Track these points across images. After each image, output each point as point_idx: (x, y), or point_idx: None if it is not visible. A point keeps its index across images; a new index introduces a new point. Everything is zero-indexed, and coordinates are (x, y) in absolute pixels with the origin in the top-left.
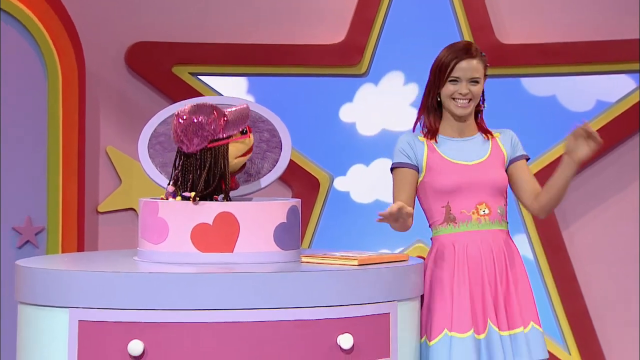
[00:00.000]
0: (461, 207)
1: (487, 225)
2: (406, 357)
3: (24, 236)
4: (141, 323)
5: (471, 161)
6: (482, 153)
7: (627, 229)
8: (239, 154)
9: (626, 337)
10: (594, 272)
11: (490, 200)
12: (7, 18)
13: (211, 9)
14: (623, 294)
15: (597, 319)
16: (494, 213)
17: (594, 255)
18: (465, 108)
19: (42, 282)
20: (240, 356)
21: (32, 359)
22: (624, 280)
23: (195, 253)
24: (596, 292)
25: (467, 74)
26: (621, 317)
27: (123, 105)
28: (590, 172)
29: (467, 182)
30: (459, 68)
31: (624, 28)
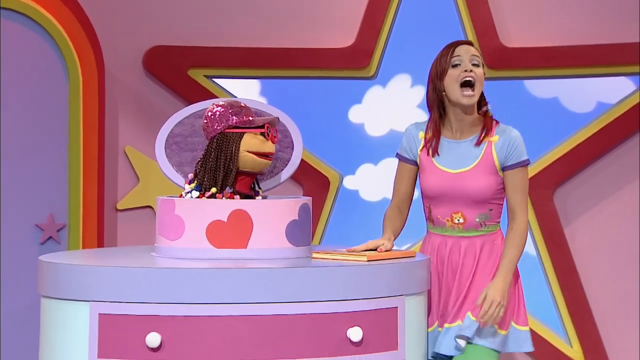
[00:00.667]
0: (438, 213)
1: (460, 232)
2: (413, 350)
3: (46, 232)
4: (159, 316)
5: (455, 169)
6: (470, 160)
7: (627, 226)
8: (252, 149)
9: (625, 329)
10: (594, 267)
11: (467, 209)
12: (30, 24)
13: (225, 15)
14: (622, 287)
15: (597, 311)
16: (469, 222)
17: (595, 251)
18: (471, 97)
19: (64, 276)
20: (253, 348)
21: (55, 350)
22: (623, 274)
23: (210, 249)
24: (596, 286)
25: (468, 54)
26: (621, 310)
27: (141, 107)
28: (591, 171)
29: (447, 190)
30: (458, 51)
31: (624, 32)
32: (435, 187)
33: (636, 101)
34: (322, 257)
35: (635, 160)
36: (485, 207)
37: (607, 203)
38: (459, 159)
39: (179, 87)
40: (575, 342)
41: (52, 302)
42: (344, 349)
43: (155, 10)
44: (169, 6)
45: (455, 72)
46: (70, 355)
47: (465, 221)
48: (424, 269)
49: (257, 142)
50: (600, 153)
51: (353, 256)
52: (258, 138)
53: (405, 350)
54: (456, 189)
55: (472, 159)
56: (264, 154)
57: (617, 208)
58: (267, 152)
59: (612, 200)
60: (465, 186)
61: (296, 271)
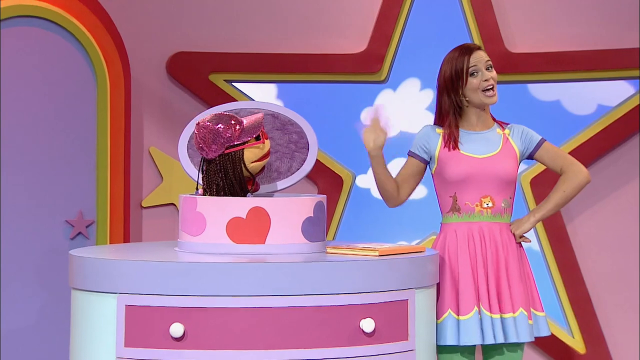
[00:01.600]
0: (466, 199)
1: (488, 218)
2: (423, 340)
3: (76, 228)
4: (182, 308)
5: (482, 154)
6: (494, 147)
7: (626, 223)
8: (255, 159)
9: (625, 321)
10: (595, 262)
11: (495, 193)
12: (63, 32)
13: (244, 22)
14: (622, 281)
15: (597, 304)
16: (497, 206)
17: (596, 246)
18: (494, 96)
19: (92, 270)
20: (270, 338)
21: (84, 340)
22: (623, 269)
23: (230, 244)
24: (597, 280)
25: (482, 61)
26: (620, 303)
27: (164, 110)
28: (592, 171)
29: (476, 174)
30: (473, 60)
31: (624, 38)
32: (464, 172)
33: (635, 104)
34: (336, 252)
35: (635, 160)
36: (508, 192)
37: (608, 201)
38: (484, 146)
39: (201, 91)
40: (577, 333)
41: (82, 294)
42: (357, 339)
43: (177, 19)
44: (191, 15)
45: (475, 81)
46: (98, 344)
47: (493, 205)
48: (433, 263)
49: (257, 151)
50: (601, 153)
51: (365, 251)
52: (257, 146)
53: (415, 340)
54: (486, 171)
55: (496, 146)
56: (265, 155)
57: (617, 206)
58: (267, 152)
59: (612, 198)
60: (496, 167)
61: (312, 265)
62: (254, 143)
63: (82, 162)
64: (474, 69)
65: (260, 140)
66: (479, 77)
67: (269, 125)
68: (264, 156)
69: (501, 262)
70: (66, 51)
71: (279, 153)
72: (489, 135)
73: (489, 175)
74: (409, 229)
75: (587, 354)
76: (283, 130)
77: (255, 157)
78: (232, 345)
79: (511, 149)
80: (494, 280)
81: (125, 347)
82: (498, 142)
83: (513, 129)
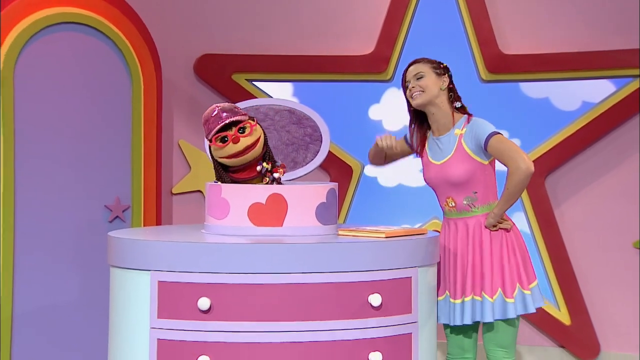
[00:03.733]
0: (439, 201)
1: (455, 215)
2: (425, 313)
3: (114, 212)
4: (208, 284)
5: (438, 160)
6: (447, 152)
7: (608, 207)
8: (220, 156)
9: (606, 295)
10: (579, 242)
11: (454, 194)
12: (101, 37)
13: (264, 27)
14: (604, 260)
15: (581, 280)
16: (459, 205)
17: (580, 228)
18: (416, 98)
19: (128, 249)
20: (287, 311)
21: (121, 312)
22: (604, 247)
23: (251, 227)
24: (581, 259)
25: (411, 74)
26: (602, 279)
27: (192, 106)
28: (577, 161)
29: (436, 180)
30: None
31: (606, 41)
32: (428, 178)
33: (616, 101)
34: (347, 234)
35: (616, 151)
36: (469, 190)
37: (591, 188)
38: (440, 152)
39: (224, 89)
40: (563, 306)
41: (119, 271)
42: (366, 312)
43: (204, 24)
44: (216, 20)
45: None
46: (134, 316)
47: (455, 204)
48: (434, 244)
49: (218, 151)
50: (585, 145)
51: (373, 233)
52: (217, 147)
53: (418, 313)
54: (441, 177)
55: (449, 150)
56: (227, 157)
57: (600, 192)
58: (230, 155)
59: (595, 185)
60: (447, 173)
61: (324, 246)
62: (212, 144)
63: (119, 153)
64: (407, 83)
65: (223, 142)
66: (409, 87)
67: (286, 120)
68: (229, 156)
69: (468, 252)
70: (105, 54)
71: (295, 145)
72: (445, 140)
73: (444, 180)
74: (411, 213)
75: (572, 325)
76: (299, 125)
77: (219, 155)
78: (253, 317)
79: (463, 151)
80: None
81: (158, 319)
82: (452, 146)
83: (468, 127)
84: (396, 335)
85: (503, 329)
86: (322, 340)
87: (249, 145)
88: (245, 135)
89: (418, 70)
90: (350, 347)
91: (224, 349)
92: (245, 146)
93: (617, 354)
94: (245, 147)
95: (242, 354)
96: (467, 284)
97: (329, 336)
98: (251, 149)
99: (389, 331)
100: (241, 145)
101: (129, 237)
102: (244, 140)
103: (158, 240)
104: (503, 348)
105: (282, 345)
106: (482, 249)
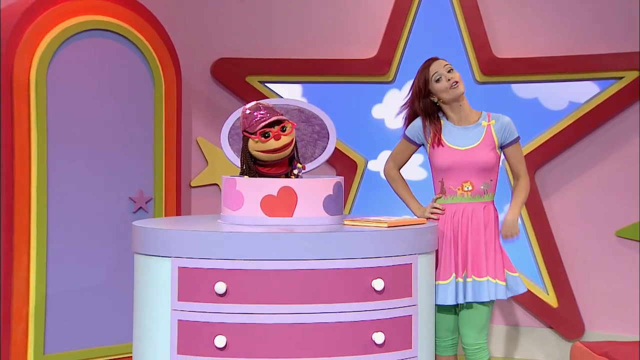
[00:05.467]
0: (450, 184)
1: (468, 199)
2: (424, 296)
3: (137, 204)
4: (224, 269)
5: (464, 146)
6: (475, 140)
7: (592, 199)
8: (258, 149)
9: (590, 280)
10: (566, 232)
11: (475, 178)
12: (126, 42)
13: (275, 33)
14: (588, 247)
15: (568, 266)
16: (476, 189)
17: (566, 219)
18: (459, 87)
19: (151, 238)
20: (296, 295)
21: (145, 295)
22: (589, 236)
23: (264, 217)
24: (568, 247)
25: (441, 66)
26: (587, 266)
27: (209, 106)
28: (564, 156)
29: (458, 164)
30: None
31: (590, 46)
32: (447, 162)
33: (600, 101)
34: (352, 224)
35: (600, 148)
36: (488, 177)
37: (577, 181)
38: (466, 139)
39: (239, 90)
40: (551, 290)
41: (142, 257)
42: (369, 295)
43: (219, 31)
44: (231, 28)
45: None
46: (156, 298)
47: (472, 188)
48: (433, 233)
49: (259, 144)
50: (572, 142)
51: (376, 223)
52: (260, 140)
53: (418, 297)
54: (465, 161)
55: (477, 139)
56: (268, 151)
57: (585, 185)
58: (269, 150)
59: (580, 179)
60: (474, 158)
61: (331, 235)
62: (254, 137)
63: (142, 150)
64: (437, 75)
65: (265, 138)
66: (443, 80)
67: (295, 119)
68: (268, 151)
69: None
70: (129, 58)
71: (304, 142)
72: (471, 129)
73: (470, 164)
74: None
75: (559, 307)
76: (308, 123)
77: (258, 148)
78: (266, 300)
79: (492, 140)
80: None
81: (178, 301)
82: (480, 135)
83: (498, 119)
84: (397, 317)
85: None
86: (329, 321)
87: (287, 144)
88: (285, 134)
89: (447, 63)
90: (355, 328)
91: (238, 329)
92: (284, 144)
93: (600, 333)
94: (284, 144)
95: (255, 333)
96: (481, 265)
97: (336, 318)
98: (287, 147)
99: (390, 313)
100: (281, 143)
101: (152, 227)
102: (284, 139)
103: (178, 230)
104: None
105: (291, 326)
106: (495, 234)
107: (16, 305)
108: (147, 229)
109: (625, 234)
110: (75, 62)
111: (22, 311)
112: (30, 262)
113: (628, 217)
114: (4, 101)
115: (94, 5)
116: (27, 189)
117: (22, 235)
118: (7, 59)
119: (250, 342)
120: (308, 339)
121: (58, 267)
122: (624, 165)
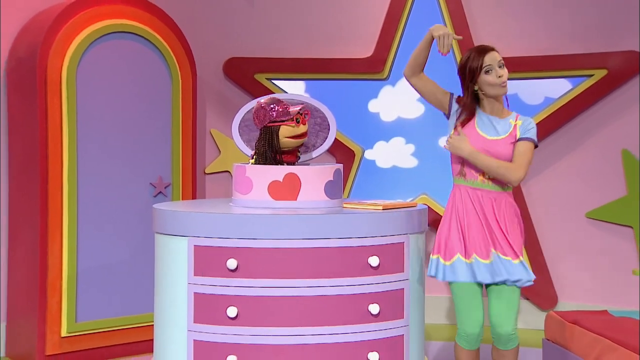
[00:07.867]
0: (472, 168)
1: (489, 187)
2: (415, 272)
3: (157, 189)
4: (235, 247)
5: (490, 136)
6: (502, 132)
7: (567, 183)
8: (288, 135)
9: (563, 256)
10: (543, 214)
11: None
12: (147, 43)
13: (281, 35)
14: (564, 229)
15: (545, 247)
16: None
17: (544, 202)
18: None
19: (170, 219)
20: (300, 270)
21: (164, 271)
22: (565, 219)
23: (271, 201)
24: (543, 227)
25: (495, 60)
26: (562, 247)
27: (221, 101)
28: (540, 146)
29: (483, 150)
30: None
31: (564, 47)
32: (474, 147)
33: (572, 96)
34: (350, 207)
35: (572, 139)
36: None
37: (553, 168)
38: (494, 130)
39: (248, 86)
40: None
41: (162, 237)
42: (366, 271)
43: (231, 33)
44: (241, 30)
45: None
46: (175, 273)
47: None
48: (422, 215)
49: (291, 129)
50: (548, 133)
51: (372, 206)
52: (292, 125)
53: (409, 272)
54: (490, 150)
55: (504, 132)
56: (297, 135)
57: (559, 172)
58: (300, 134)
59: (556, 166)
60: (499, 149)
61: (332, 217)
62: (289, 123)
63: (162, 140)
64: (489, 67)
65: (299, 123)
66: (493, 74)
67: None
68: (297, 136)
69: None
70: (149, 58)
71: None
72: (501, 122)
73: (492, 154)
74: (404, 190)
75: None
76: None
77: (289, 134)
78: (273, 275)
79: (515, 137)
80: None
81: (194, 276)
82: (507, 129)
83: (524, 121)
84: (391, 290)
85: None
86: (330, 294)
87: (305, 132)
88: (305, 123)
89: (500, 57)
90: (353, 300)
91: (248, 301)
92: (305, 131)
93: (571, 303)
94: (305, 132)
95: (263, 305)
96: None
97: (336, 291)
98: (306, 135)
99: (385, 287)
100: (304, 129)
101: (170, 209)
102: (304, 127)
103: (194, 212)
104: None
105: (296, 299)
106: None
107: (51, 279)
108: (166, 211)
109: (594, 215)
110: (101, 61)
111: (56, 285)
112: (62, 241)
113: (597, 200)
114: (39, 97)
115: (119, 10)
116: (59, 176)
117: (56, 217)
118: (42, 59)
119: (258, 312)
120: (311, 309)
121: (87, 246)
122: (594, 154)
